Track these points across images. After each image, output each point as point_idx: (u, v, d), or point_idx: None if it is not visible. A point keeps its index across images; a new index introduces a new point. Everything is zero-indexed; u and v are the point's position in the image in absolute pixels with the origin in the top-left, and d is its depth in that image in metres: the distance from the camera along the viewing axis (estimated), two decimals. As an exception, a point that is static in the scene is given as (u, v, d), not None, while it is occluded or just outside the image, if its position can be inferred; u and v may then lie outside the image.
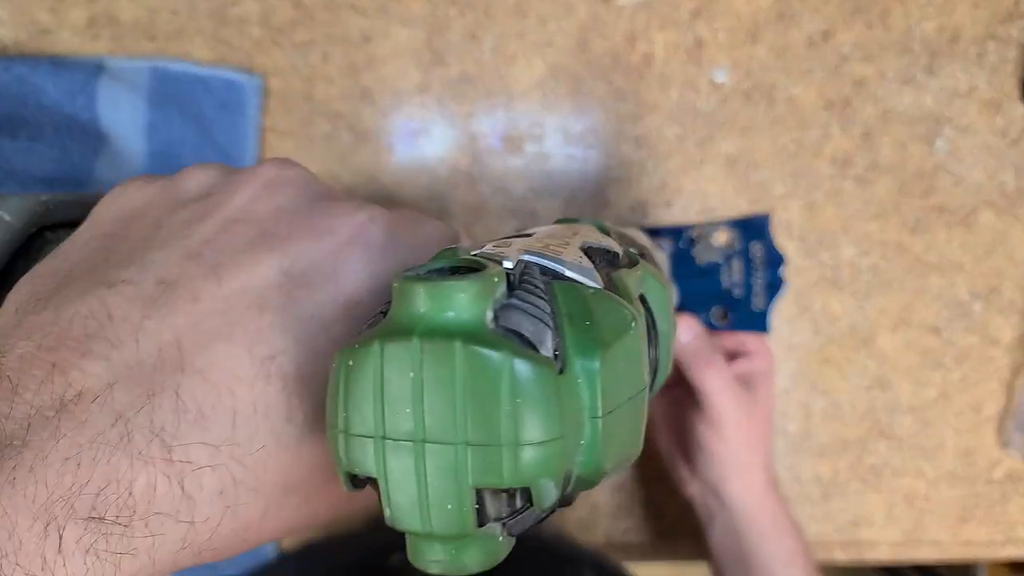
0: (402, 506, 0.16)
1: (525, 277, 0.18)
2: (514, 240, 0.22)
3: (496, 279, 0.16)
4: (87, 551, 0.17)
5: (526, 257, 0.19)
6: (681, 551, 0.63)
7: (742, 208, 0.59)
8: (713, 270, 0.58)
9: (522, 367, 0.15)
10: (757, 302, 0.59)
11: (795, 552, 0.51)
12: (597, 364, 0.17)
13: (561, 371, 0.16)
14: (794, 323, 0.60)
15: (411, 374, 0.15)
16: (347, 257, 0.22)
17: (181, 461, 0.18)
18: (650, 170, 0.59)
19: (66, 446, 0.17)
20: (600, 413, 0.17)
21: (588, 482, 0.18)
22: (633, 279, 0.23)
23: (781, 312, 0.60)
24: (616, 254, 0.23)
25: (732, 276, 0.58)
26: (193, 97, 0.55)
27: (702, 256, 0.58)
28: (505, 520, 0.16)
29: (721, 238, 0.59)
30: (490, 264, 0.17)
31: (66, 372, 0.17)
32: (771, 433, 0.55)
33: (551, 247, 0.21)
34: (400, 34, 0.57)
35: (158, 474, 0.18)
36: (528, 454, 0.15)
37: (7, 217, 0.23)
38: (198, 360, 0.19)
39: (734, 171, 0.59)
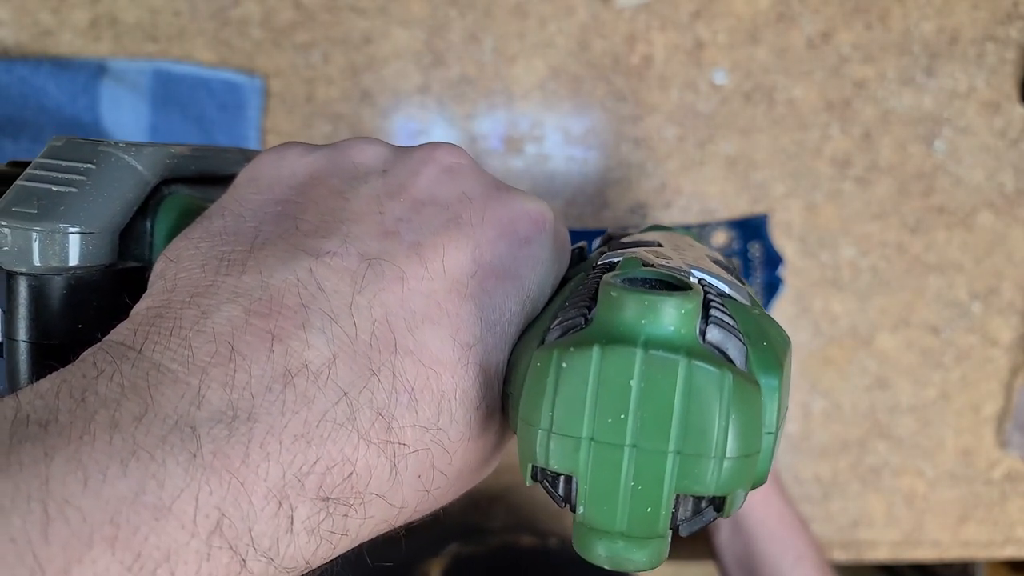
0: (600, 505, 0.16)
1: (708, 294, 0.19)
2: (659, 251, 0.22)
3: (700, 296, 0.17)
4: (312, 531, 0.16)
5: (696, 273, 0.20)
6: (681, 551, 0.63)
7: (742, 209, 0.59)
8: (713, 270, 0.58)
9: (738, 386, 0.16)
10: (757, 302, 0.60)
11: (804, 550, 0.51)
12: (777, 382, 0.18)
13: None
14: (794, 323, 0.61)
15: (631, 383, 0.16)
16: (527, 252, 0.22)
17: (397, 443, 0.18)
18: (650, 171, 0.59)
19: (297, 423, 0.16)
20: (775, 429, 0.18)
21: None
22: (755, 294, 0.23)
23: (781, 312, 0.60)
24: (731, 268, 0.24)
25: (732, 276, 0.58)
26: (195, 98, 0.55)
27: (702, 257, 0.58)
28: (682, 523, 0.17)
29: (720, 238, 0.59)
30: (687, 280, 0.18)
31: (285, 342, 0.17)
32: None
33: (699, 261, 0.21)
34: (400, 35, 0.57)
35: (379, 455, 0.17)
36: (732, 466, 0.16)
37: (139, 167, 0.22)
38: (408, 341, 0.19)
39: (734, 172, 0.59)
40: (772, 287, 0.59)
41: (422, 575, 0.47)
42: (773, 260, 0.59)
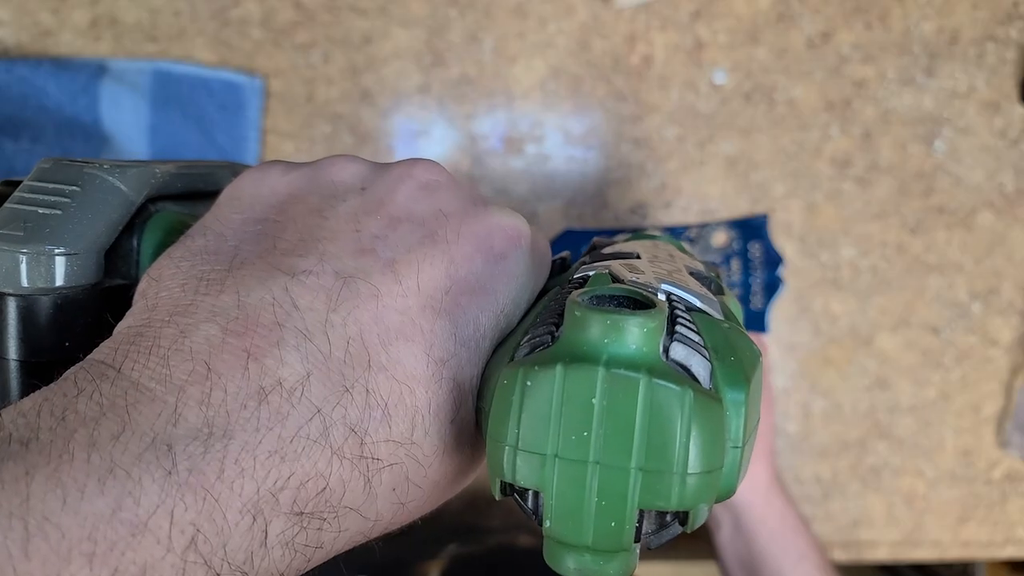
0: (565, 520, 0.17)
1: (675, 310, 0.19)
2: (634, 263, 0.22)
3: (664, 314, 0.17)
4: (286, 545, 0.17)
5: (665, 287, 0.20)
6: (682, 551, 0.63)
7: (742, 209, 0.59)
8: (713, 271, 0.58)
9: (699, 403, 0.16)
10: (755, 302, 0.60)
11: (806, 549, 0.51)
12: (743, 397, 0.18)
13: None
14: (794, 323, 0.61)
15: (593, 401, 0.16)
16: (502, 268, 0.22)
17: (370, 458, 0.18)
18: (650, 171, 0.59)
19: (271, 440, 0.17)
20: (742, 443, 0.18)
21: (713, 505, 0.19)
22: (734, 307, 0.23)
23: (781, 312, 0.60)
24: (710, 279, 0.24)
25: (731, 276, 0.58)
26: (195, 99, 0.55)
27: (701, 256, 0.58)
28: (647, 537, 0.17)
29: (720, 238, 0.59)
30: (653, 297, 0.18)
31: (260, 360, 0.17)
32: (773, 433, 0.55)
33: (673, 275, 0.22)
34: (400, 35, 0.57)
35: (353, 470, 0.18)
36: (694, 482, 0.16)
37: (124, 188, 0.23)
38: (382, 357, 0.19)
39: (734, 172, 0.59)
40: (772, 287, 0.59)
41: (421, 575, 0.47)
42: (773, 260, 0.59)
